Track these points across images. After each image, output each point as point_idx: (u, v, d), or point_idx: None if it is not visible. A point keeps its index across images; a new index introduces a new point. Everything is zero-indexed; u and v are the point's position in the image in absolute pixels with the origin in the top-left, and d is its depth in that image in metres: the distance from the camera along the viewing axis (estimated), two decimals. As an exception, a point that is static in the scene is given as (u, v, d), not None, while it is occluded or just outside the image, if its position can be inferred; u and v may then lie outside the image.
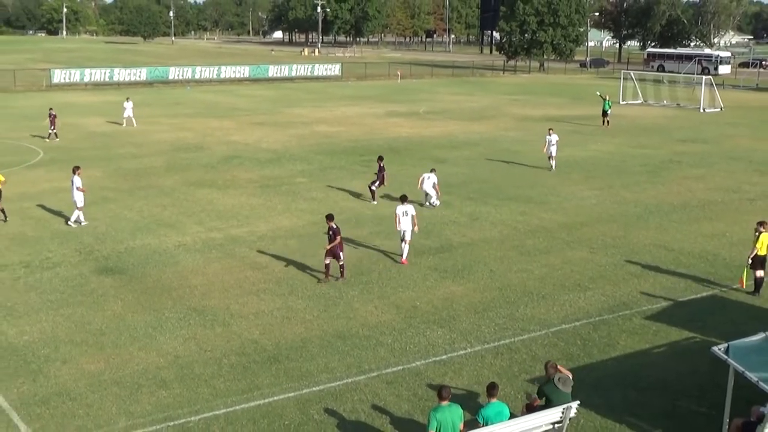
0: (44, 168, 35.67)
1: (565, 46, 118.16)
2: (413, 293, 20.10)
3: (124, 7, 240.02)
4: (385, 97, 71.71)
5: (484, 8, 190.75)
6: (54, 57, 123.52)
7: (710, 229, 26.72)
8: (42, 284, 20.36)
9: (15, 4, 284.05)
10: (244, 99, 68.82)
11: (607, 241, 25.04)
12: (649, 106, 68.28)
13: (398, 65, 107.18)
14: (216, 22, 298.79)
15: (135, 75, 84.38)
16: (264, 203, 29.52)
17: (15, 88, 72.79)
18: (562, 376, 12.62)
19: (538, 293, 20.22)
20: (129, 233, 25.16)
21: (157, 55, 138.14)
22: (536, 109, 63.40)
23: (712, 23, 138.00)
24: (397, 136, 47.00)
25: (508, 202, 30.08)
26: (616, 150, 43.21)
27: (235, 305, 19.09)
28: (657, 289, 20.62)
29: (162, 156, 39.22)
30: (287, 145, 43.25)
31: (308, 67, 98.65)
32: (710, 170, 37.85)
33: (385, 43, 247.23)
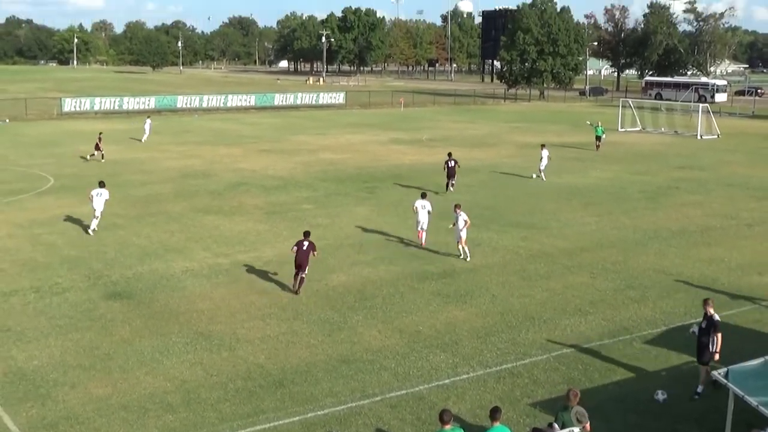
0: (54, 195, 35.73)
1: (564, 75, 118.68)
2: (416, 318, 20.04)
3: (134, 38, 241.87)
4: (389, 125, 71.91)
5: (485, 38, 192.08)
6: (65, 86, 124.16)
7: (709, 255, 26.66)
8: (51, 309, 20.34)
9: (27, 35, 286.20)
10: (251, 127, 69.04)
11: (607, 266, 24.99)
12: (648, 133, 68.39)
13: (401, 93, 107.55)
14: (223, 51, 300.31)
15: (144, 103, 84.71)
16: (270, 229, 29.52)
17: (27, 117, 73.11)
18: (579, 410, 12.48)
19: (540, 318, 20.15)
20: (137, 259, 25.16)
21: (165, 84, 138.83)
22: (537, 137, 63.37)
23: (708, 52, 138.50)
24: (400, 163, 47.08)
25: (509, 228, 30.06)
26: (615, 177, 43.23)
27: (241, 330, 19.04)
28: (657, 314, 20.55)
29: (170, 183, 39.29)
30: (293, 172, 43.32)
31: (313, 95, 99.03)
32: (708, 196, 37.83)
33: (389, 71, 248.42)
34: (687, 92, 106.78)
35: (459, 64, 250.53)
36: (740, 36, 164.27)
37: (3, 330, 18.79)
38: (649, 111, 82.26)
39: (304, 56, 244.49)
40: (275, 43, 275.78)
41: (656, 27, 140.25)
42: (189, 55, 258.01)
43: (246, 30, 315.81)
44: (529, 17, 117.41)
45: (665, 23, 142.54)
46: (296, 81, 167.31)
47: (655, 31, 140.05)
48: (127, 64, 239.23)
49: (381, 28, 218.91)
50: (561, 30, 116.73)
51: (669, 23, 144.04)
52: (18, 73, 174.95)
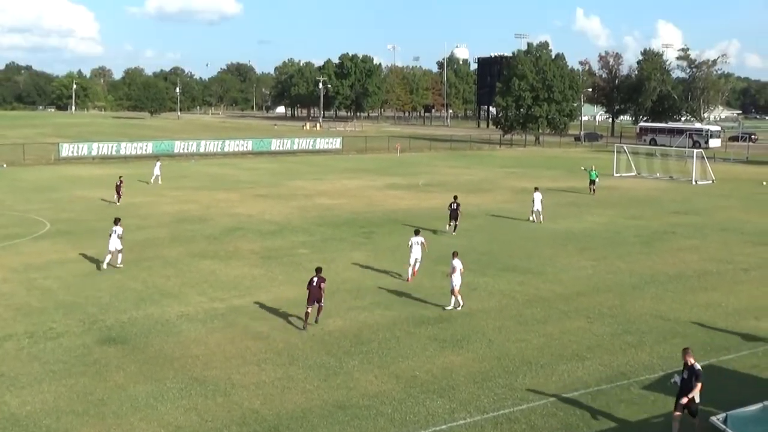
0: (50, 239, 35.68)
1: (559, 121, 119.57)
2: (413, 363, 19.92)
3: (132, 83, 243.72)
4: (385, 170, 72.17)
5: (480, 84, 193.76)
6: (63, 131, 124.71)
7: (706, 299, 26.62)
8: (45, 354, 20.19)
9: (26, 81, 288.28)
10: (248, 172, 69.24)
11: (603, 311, 24.93)
12: (643, 178, 68.71)
13: (397, 139, 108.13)
14: (221, 97, 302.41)
15: (141, 148, 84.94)
16: (266, 274, 29.46)
17: (24, 162, 73.31)
18: None
19: (537, 363, 20.04)
20: (133, 303, 25.05)
21: (163, 130, 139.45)
22: (532, 182, 63.59)
23: (701, 98, 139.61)
24: (396, 208, 47.17)
25: (505, 273, 30.03)
26: (610, 221, 43.31)
27: (237, 375, 18.90)
28: (654, 359, 20.45)
29: (166, 227, 39.28)
30: (289, 216, 43.36)
31: (310, 140, 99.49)
32: (704, 241, 37.87)
33: (385, 117, 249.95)
34: (681, 138, 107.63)
35: (455, 110, 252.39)
36: (733, 82, 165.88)
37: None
38: (644, 156, 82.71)
39: (301, 102, 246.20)
40: (272, 89, 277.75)
41: (650, 73, 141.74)
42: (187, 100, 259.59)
43: (244, 76, 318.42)
44: (525, 64, 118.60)
45: (659, 70, 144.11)
46: (293, 126, 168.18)
47: (648, 77, 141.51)
48: (125, 110, 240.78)
49: (377, 74, 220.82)
50: (556, 76, 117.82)
51: (662, 70, 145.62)
52: (17, 119, 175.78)
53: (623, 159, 72.80)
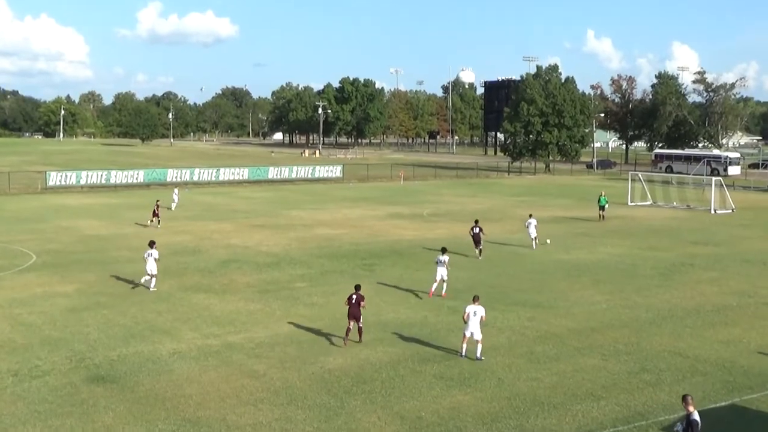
0: (36, 272, 35.67)
1: (570, 147, 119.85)
2: (418, 403, 19.82)
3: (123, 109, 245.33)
4: (388, 199, 72.30)
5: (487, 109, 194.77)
6: (51, 159, 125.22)
7: (726, 335, 26.52)
8: (30, 394, 20.11)
9: (12, 107, 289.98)
10: (243, 201, 69.38)
11: (619, 347, 24.83)
12: (659, 207, 68.76)
13: (401, 167, 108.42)
14: (215, 123, 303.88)
15: (132, 177, 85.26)
16: (262, 308, 29.40)
17: (9, 191, 73.54)
18: None
19: (549, 403, 19.93)
20: (122, 340, 24.99)
21: (155, 157, 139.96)
22: (543, 211, 63.70)
23: (719, 124, 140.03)
24: (400, 239, 47.17)
25: (515, 307, 29.96)
26: (626, 252, 43.26)
27: (232, 416, 18.80)
28: (673, 399, 20.33)
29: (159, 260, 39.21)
30: (287, 248, 43.37)
31: (309, 168, 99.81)
32: (724, 273, 37.81)
33: (388, 144, 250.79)
34: (699, 165, 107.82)
35: (461, 136, 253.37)
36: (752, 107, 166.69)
37: (-22, 416, 18.56)
38: (660, 184, 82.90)
39: (300, 128, 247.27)
40: (270, 114, 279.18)
41: (665, 98, 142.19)
42: (180, 126, 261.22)
43: (239, 101, 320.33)
44: (533, 88, 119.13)
45: (674, 94, 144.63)
46: (291, 153, 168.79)
47: (663, 101, 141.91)
48: (115, 137, 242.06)
49: (380, 99, 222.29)
50: (566, 101, 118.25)
51: (678, 94, 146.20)
52: (2, 146, 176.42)
53: (638, 187, 72.91)
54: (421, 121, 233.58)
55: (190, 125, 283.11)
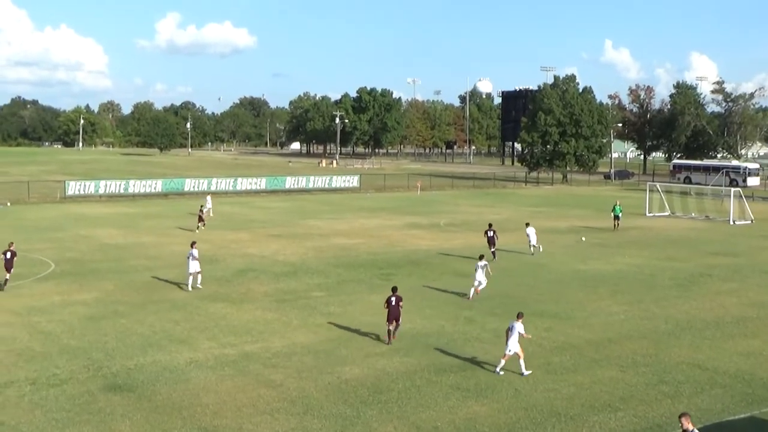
0: (54, 281, 35.87)
1: (588, 158, 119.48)
2: (434, 413, 19.76)
3: (142, 118, 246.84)
4: (405, 209, 72.30)
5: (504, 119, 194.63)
6: (70, 168, 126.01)
7: (746, 347, 26.32)
8: (48, 402, 20.20)
9: (32, 116, 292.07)
10: (261, 211, 69.55)
11: (637, 359, 24.68)
12: (677, 218, 68.40)
13: (418, 177, 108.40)
14: (233, 133, 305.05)
15: (150, 186, 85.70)
16: (279, 318, 29.44)
17: (29, 200, 74.02)
18: None
19: (566, 414, 19.83)
20: (139, 349, 25.07)
21: (173, 167, 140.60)
22: (560, 221, 63.64)
23: (738, 134, 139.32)
24: (416, 249, 47.13)
25: (532, 318, 29.78)
26: (644, 263, 43.04)
27: (248, 425, 18.81)
28: (692, 411, 20.11)
29: (175, 269, 39.37)
30: (304, 257, 43.42)
31: (326, 178, 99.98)
32: (743, 284, 37.55)
33: (405, 154, 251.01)
34: (717, 176, 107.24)
35: (478, 146, 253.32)
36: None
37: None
38: (678, 195, 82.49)
39: (317, 138, 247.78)
40: (287, 124, 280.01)
41: (683, 108, 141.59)
42: (198, 136, 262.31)
43: (257, 111, 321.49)
44: (551, 98, 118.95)
45: (693, 104, 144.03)
46: (308, 163, 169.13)
47: (682, 112, 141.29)
48: (134, 146, 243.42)
49: (397, 109, 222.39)
50: (584, 111, 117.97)
51: (697, 104, 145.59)
52: (22, 155, 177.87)
53: (656, 198, 72.58)
54: (438, 131, 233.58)
55: (208, 135, 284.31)
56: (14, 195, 74.82)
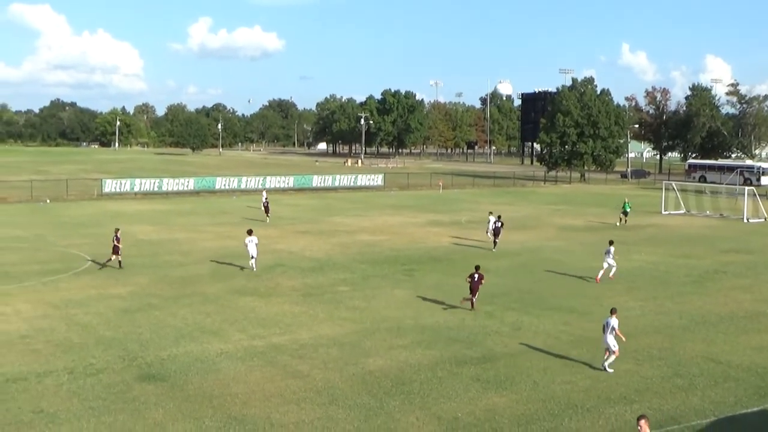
0: (91, 275, 36.13)
1: (605, 158, 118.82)
2: (455, 404, 19.72)
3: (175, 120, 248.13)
4: (427, 207, 72.20)
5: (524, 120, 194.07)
6: (106, 167, 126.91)
7: (759, 342, 26.06)
8: (85, 391, 20.36)
9: (70, 117, 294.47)
10: (289, 208, 69.69)
11: (652, 353, 24.50)
12: (692, 216, 67.85)
13: (440, 175, 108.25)
14: (262, 134, 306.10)
15: (183, 185, 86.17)
16: (306, 311, 29.49)
17: (67, 197, 74.61)
18: None
19: (583, 406, 19.72)
20: (172, 340, 25.21)
21: (204, 166, 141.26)
22: (578, 219, 63.31)
23: (752, 135, 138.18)
24: (438, 245, 47.05)
25: (550, 312, 29.72)
26: (659, 260, 42.73)
27: (276, 414, 18.86)
28: (706, 404, 20.02)
29: (207, 264, 39.60)
30: (330, 253, 43.46)
31: (351, 177, 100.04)
32: (757, 280, 37.19)
33: (427, 154, 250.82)
34: (732, 175, 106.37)
35: (498, 147, 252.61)
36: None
37: (36, 411, 18.82)
38: (693, 194, 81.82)
39: (343, 138, 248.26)
40: (314, 125, 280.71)
41: (699, 109, 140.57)
42: (228, 137, 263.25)
43: (285, 112, 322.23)
44: (569, 99, 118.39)
45: (708, 105, 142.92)
46: (335, 163, 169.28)
47: (697, 113, 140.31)
48: (167, 146, 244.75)
49: (420, 110, 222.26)
50: (601, 112, 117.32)
51: (712, 105, 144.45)
52: (60, 155, 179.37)
53: (671, 196, 72.06)
54: (459, 131, 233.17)
55: (238, 135, 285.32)
56: (53, 192, 75.46)
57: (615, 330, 22.67)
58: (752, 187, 73.51)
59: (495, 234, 45.13)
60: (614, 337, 22.61)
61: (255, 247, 37.73)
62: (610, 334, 22.58)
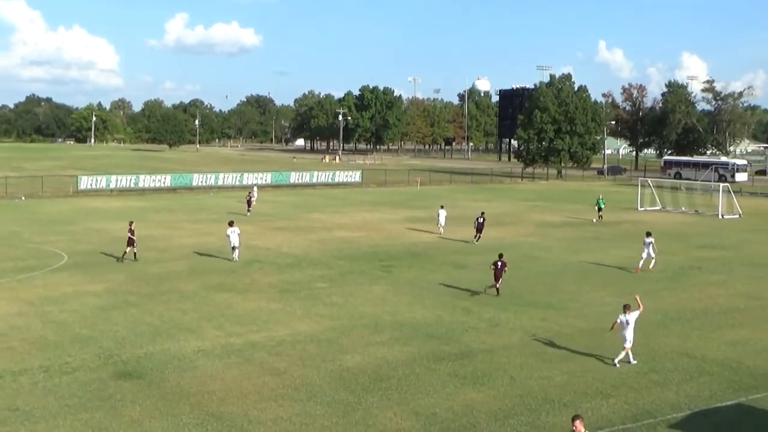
0: (67, 272, 35.89)
1: (582, 154, 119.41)
2: (432, 400, 19.78)
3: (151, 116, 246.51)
4: (405, 203, 72.27)
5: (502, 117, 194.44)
6: (82, 164, 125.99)
7: (733, 336, 26.32)
8: (60, 389, 20.23)
9: (46, 113, 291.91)
10: (266, 204, 69.45)
11: (628, 347, 24.66)
12: (668, 212, 68.36)
13: (418, 172, 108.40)
14: (240, 130, 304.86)
15: (160, 181, 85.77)
16: (283, 308, 29.45)
17: (42, 194, 74.04)
18: None
19: (560, 401, 19.84)
20: (149, 338, 25.10)
21: (181, 162, 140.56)
22: (555, 215, 63.62)
23: (727, 132, 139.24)
24: (416, 241, 47.13)
25: (527, 308, 29.86)
26: (636, 255, 42.88)
27: (254, 411, 18.84)
28: (681, 397, 20.20)
29: (184, 260, 39.46)
30: (308, 249, 43.42)
31: (329, 173, 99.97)
32: (731, 276, 37.54)
33: (405, 150, 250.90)
34: (707, 172, 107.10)
35: (476, 143, 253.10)
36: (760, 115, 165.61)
37: (11, 410, 18.69)
38: (669, 190, 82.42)
39: (321, 134, 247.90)
40: (292, 121, 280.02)
41: (674, 106, 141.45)
42: (206, 133, 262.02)
43: (263, 108, 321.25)
44: (546, 96, 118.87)
45: (683, 102, 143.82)
46: (312, 159, 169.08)
47: (673, 110, 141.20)
48: (144, 142, 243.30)
49: (398, 106, 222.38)
50: (578, 109, 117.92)
51: (687, 102, 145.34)
52: (35, 151, 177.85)
53: (647, 193, 72.55)
54: (437, 128, 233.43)
55: (215, 131, 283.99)
56: (28, 189, 74.87)
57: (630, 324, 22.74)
58: (727, 184, 74.21)
59: (478, 230, 46.52)
60: (631, 331, 22.72)
61: (237, 237, 39.06)
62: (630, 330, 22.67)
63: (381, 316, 28.27)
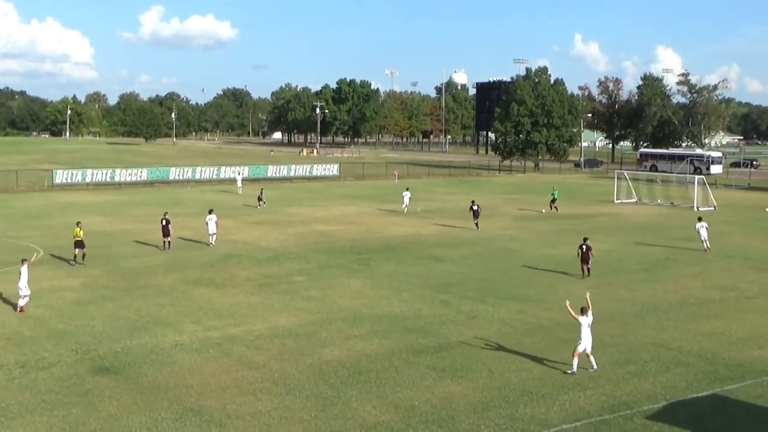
0: (43, 267, 35.58)
1: (558, 147, 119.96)
2: (411, 393, 19.83)
3: (127, 109, 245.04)
4: (383, 197, 72.26)
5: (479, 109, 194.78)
6: (57, 158, 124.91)
7: (708, 328, 26.56)
8: (37, 384, 20.09)
9: (20, 106, 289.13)
10: (244, 198, 69.26)
11: (605, 339, 24.81)
12: (644, 204, 68.81)
13: (395, 165, 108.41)
14: (217, 123, 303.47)
15: (136, 175, 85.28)
16: (262, 302, 29.39)
17: (17, 189, 73.37)
18: None
19: (538, 393, 19.95)
20: (126, 332, 24.97)
21: (158, 156, 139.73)
22: (532, 208, 63.84)
23: (702, 124, 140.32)
24: (394, 235, 47.15)
25: (505, 301, 29.97)
26: (612, 248, 43.27)
27: (232, 405, 18.80)
28: (657, 389, 20.37)
29: (161, 255, 39.26)
30: (285, 243, 43.34)
31: (307, 167, 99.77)
32: (706, 268, 37.86)
33: (383, 143, 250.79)
34: (682, 164, 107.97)
35: (453, 136, 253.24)
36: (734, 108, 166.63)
37: (-14, 406, 18.54)
38: (645, 183, 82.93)
39: (298, 127, 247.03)
40: (269, 114, 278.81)
41: (650, 99, 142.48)
42: (182, 126, 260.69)
43: (240, 101, 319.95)
44: (524, 89, 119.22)
45: (659, 95, 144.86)
46: (290, 152, 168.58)
47: (649, 102, 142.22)
48: (120, 136, 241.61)
49: (375, 99, 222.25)
50: (555, 102, 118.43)
51: (663, 95, 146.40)
52: (10, 145, 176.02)
53: (624, 185, 72.98)
54: (415, 121, 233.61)
55: (192, 125, 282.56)
56: (2, 184, 74.16)
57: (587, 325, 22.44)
58: (702, 176, 74.71)
59: (475, 216, 49.81)
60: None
61: (215, 225, 41.76)
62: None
63: (359, 310, 28.29)
